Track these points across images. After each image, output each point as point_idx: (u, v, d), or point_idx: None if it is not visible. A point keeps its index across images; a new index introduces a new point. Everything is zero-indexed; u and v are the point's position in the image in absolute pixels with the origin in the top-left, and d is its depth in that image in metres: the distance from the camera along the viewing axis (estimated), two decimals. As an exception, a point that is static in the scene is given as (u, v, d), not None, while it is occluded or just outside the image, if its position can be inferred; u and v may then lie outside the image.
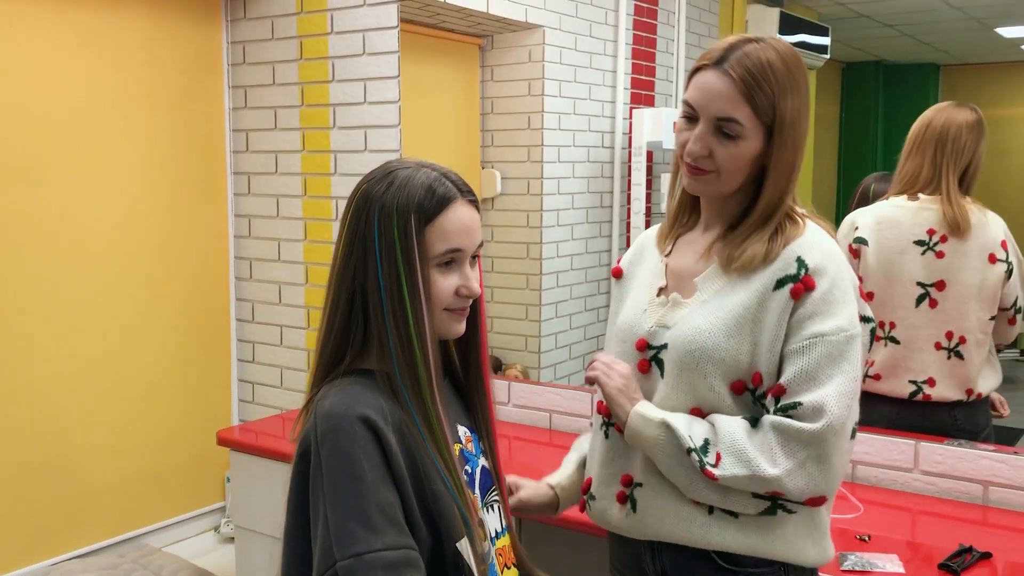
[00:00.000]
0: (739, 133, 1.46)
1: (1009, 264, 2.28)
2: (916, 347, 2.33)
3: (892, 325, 2.35)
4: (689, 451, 1.43)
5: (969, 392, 2.31)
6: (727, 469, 1.41)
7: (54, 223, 2.91)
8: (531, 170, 3.37)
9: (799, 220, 1.48)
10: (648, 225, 3.57)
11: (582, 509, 1.65)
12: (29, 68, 2.81)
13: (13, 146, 2.80)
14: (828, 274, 1.43)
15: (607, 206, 3.45)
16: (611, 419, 1.58)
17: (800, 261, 1.43)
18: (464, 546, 1.24)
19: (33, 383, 2.87)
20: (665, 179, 3.42)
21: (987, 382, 2.33)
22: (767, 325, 1.44)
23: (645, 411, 1.48)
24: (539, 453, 2.64)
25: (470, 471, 1.34)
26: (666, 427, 1.45)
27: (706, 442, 1.43)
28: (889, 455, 2.23)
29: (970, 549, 1.82)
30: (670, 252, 1.61)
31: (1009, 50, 2.96)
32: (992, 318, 2.30)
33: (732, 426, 1.43)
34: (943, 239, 2.29)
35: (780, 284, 1.44)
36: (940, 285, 2.30)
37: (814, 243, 1.45)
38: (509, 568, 1.39)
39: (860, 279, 2.33)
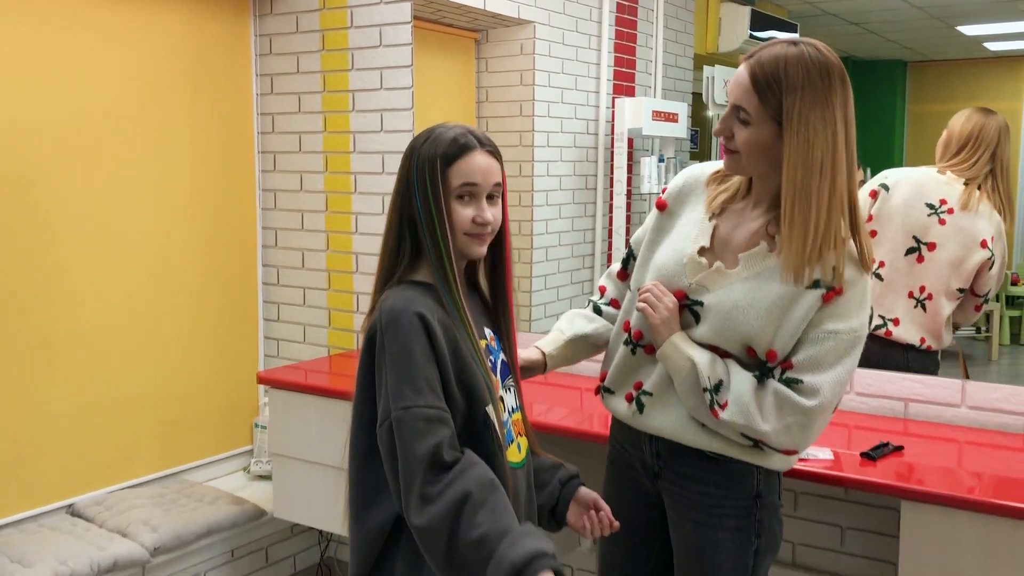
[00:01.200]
0: (748, 120, 1.60)
1: (992, 256, 2.53)
2: (893, 289, 2.60)
3: (881, 264, 2.60)
4: (704, 390, 1.68)
5: (923, 340, 2.60)
6: (729, 415, 1.66)
7: (105, 196, 3.11)
8: (523, 154, 3.53)
9: (841, 239, 1.63)
10: (630, 207, 3.77)
11: (597, 392, 1.95)
12: (83, 59, 3.04)
13: (75, 124, 3.03)
14: (857, 286, 1.65)
15: (591, 188, 3.68)
16: (640, 342, 1.82)
17: (835, 270, 1.63)
18: (491, 410, 1.61)
19: (91, 340, 3.11)
20: (645, 163, 3.59)
21: (939, 339, 2.62)
22: (794, 317, 1.64)
23: (679, 342, 1.72)
24: (536, 391, 2.84)
25: (493, 360, 1.71)
26: (692, 363, 1.69)
27: (719, 383, 1.67)
28: (830, 381, 2.60)
29: (887, 444, 2.21)
30: (719, 214, 1.76)
31: (971, 47, 3.07)
32: (960, 290, 2.55)
33: (742, 382, 1.66)
34: (950, 211, 2.55)
35: (815, 285, 1.63)
36: (931, 246, 2.57)
37: (849, 256, 1.65)
38: (521, 436, 1.76)
39: (870, 217, 2.61)
